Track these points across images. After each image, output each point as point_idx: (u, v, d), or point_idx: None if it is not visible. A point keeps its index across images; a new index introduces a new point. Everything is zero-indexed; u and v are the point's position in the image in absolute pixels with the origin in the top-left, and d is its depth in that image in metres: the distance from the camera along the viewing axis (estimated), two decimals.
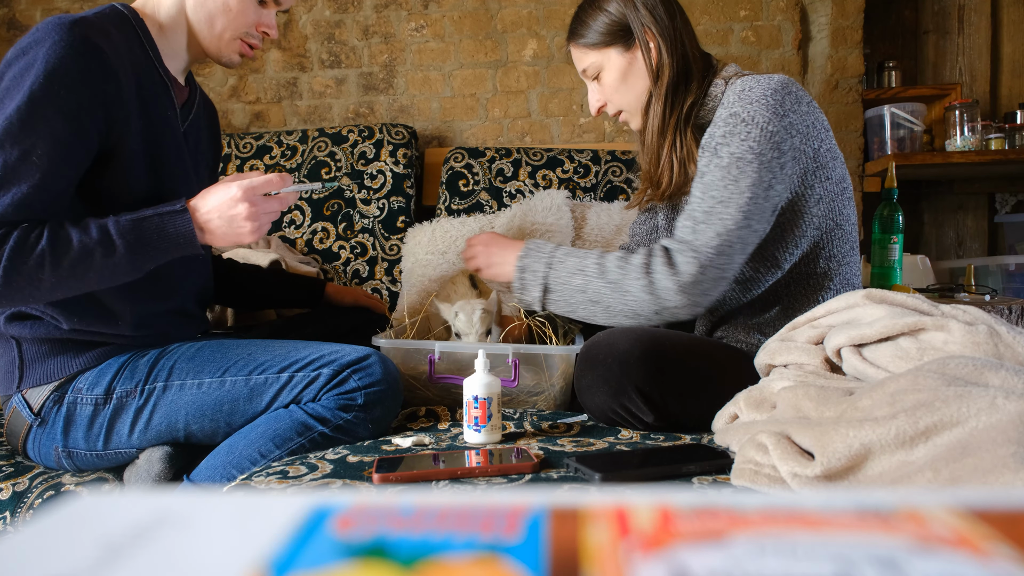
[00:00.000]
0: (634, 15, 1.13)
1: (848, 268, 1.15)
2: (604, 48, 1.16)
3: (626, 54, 1.15)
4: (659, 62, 1.14)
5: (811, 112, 1.08)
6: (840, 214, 1.12)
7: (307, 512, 0.18)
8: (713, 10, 2.37)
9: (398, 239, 2.09)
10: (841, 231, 1.12)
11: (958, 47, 2.51)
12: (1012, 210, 2.52)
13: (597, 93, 1.21)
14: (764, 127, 1.03)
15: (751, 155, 1.02)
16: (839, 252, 1.13)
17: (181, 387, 1.02)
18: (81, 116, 0.93)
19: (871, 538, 0.16)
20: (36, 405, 1.03)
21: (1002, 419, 0.58)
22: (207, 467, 1.00)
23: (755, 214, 1.03)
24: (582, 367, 1.07)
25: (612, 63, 1.17)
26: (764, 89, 1.06)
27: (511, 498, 0.19)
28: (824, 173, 1.09)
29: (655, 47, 1.14)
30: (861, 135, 2.37)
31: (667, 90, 1.14)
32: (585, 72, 1.20)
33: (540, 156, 2.16)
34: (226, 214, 0.97)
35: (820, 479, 0.67)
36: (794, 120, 1.05)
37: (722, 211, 1.03)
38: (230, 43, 1.10)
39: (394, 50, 2.45)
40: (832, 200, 1.10)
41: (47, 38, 0.92)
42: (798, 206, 1.09)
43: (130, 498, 0.19)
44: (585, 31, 1.17)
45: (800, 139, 1.05)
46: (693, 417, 1.04)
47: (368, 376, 1.03)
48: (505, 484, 0.80)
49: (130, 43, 1.03)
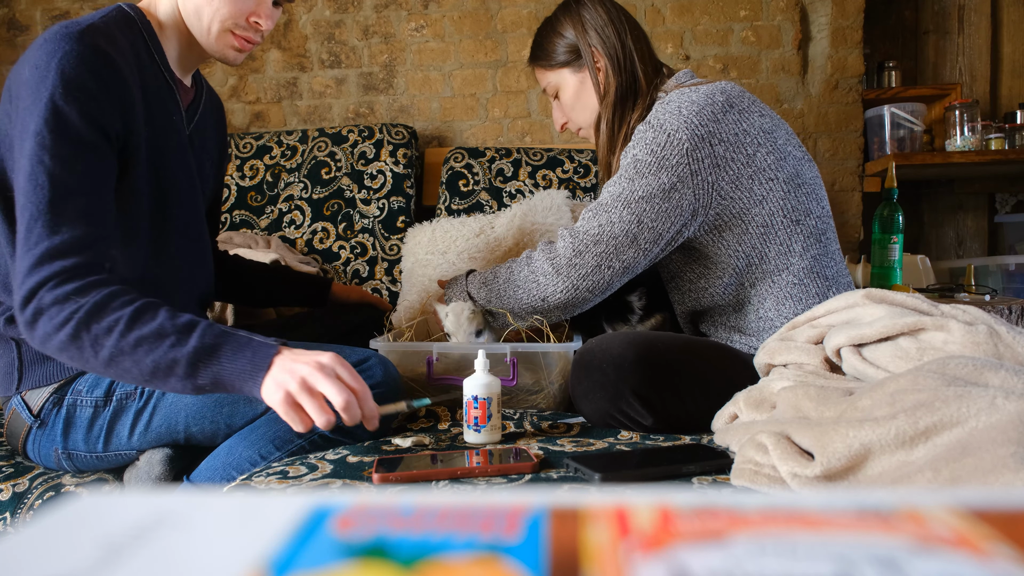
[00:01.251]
0: (583, 38, 1.22)
1: (819, 263, 1.14)
2: (558, 68, 1.26)
3: (578, 74, 1.25)
4: (606, 81, 1.23)
5: (743, 119, 1.10)
6: (796, 210, 1.12)
7: (307, 512, 0.18)
8: (713, 10, 2.37)
9: (398, 239, 2.09)
10: (801, 227, 1.13)
11: (958, 47, 2.51)
12: (1012, 210, 2.52)
13: (559, 111, 1.32)
14: (672, 133, 1.07)
15: (651, 157, 1.08)
16: (800, 247, 1.13)
17: None
18: (104, 122, 0.92)
19: (871, 538, 0.16)
20: (36, 407, 1.03)
21: (1002, 419, 0.58)
22: (207, 468, 1.00)
23: (648, 213, 1.08)
24: (577, 374, 1.07)
25: (566, 83, 1.27)
26: (683, 101, 1.10)
27: (511, 498, 0.19)
28: (766, 175, 1.10)
29: (602, 66, 1.23)
30: (861, 135, 2.37)
31: (613, 107, 1.23)
32: (546, 91, 1.31)
33: (540, 156, 2.16)
34: (305, 357, 0.85)
35: (820, 479, 0.67)
36: (713, 129, 1.08)
37: (611, 205, 1.10)
38: (220, 36, 1.05)
39: (394, 50, 2.45)
40: (782, 199, 1.11)
41: (58, 49, 0.89)
42: (733, 208, 1.10)
43: (130, 498, 0.19)
44: (541, 53, 1.28)
45: (724, 147, 1.08)
46: (692, 418, 1.04)
47: (368, 378, 1.02)
48: (505, 484, 0.80)
49: (136, 47, 1.01)
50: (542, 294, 1.15)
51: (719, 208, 1.10)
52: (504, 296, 1.20)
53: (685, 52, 2.39)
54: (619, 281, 1.14)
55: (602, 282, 1.12)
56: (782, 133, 1.15)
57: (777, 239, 1.12)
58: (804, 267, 1.13)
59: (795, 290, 1.13)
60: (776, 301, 1.14)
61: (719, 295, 1.18)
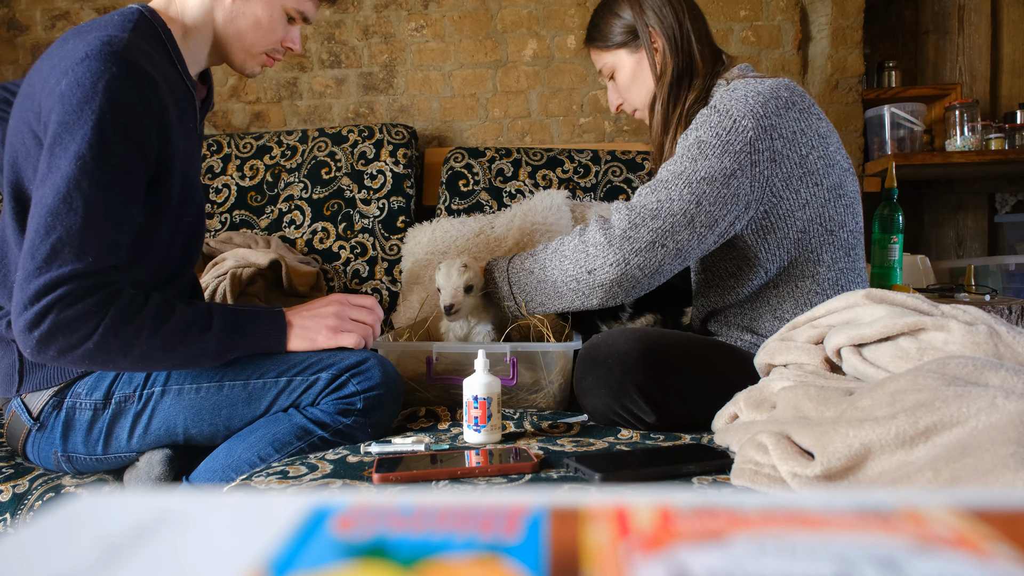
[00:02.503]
0: (640, 17, 1.21)
1: (844, 275, 1.15)
2: (615, 49, 1.25)
3: (635, 54, 1.23)
4: (663, 61, 1.21)
5: (803, 119, 1.10)
6: (832, 220, 1.12)
7: (307, 512, 0.18)
8: (713, 10, 2.37)
9: (398, 239, 2.09)
10: (834, 237, 1.13)
11: (958, 47, 2.51)
12: (1012, 210, 2.52)
13: (614, 92, 1.30)
14: (737, 120, 1.06)
15: (715, 140, 1.06)
16: (830, 258, 1.13)
17: (179, 392, 1.01)
18: (145, 147, 0.93)
19: (871, 538, 0.16)
20: (35, 410, 1.02)
21: (1002, 419, 0.58)
22: (206, 470, 1.00)
23: (707, 196, 1.05)
24: (582, 369, 1.07)
25: (623, 63, 1.25)
26: (749, 90, 1.09)
27: (511, 498, 0.19)
28: (813, 179, 1.10)
29: (659, 47, 1.21)
30: (861, 135, 2.37)
31: (669, 87, 1.20)
32: (601, 72, 1.29)
33: (540, 156, 2.16)
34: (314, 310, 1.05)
35: (820, 479, 0.67)
36: (776, 123, 1.07)
37: (672, 182, 1.07)
38: (256, 57, 1.11)
39: (394, 50, 2.45)
40: (822, 206, 1.11)
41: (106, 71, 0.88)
42: (780, 208, 1.10)
43: (130, 498, 0.19)
44: (598, 34, 1.26)
45: (782, 143, 1.07)
46: (695, 417, 1.04)
47: (367, 380, 1.02)
48: (505, 484, 0.80)
49: (161, 57, 1.01)
50: (590, 266, 1.09)
51: (769, 206, 1.09)
52: (548, 267, 1.14)
53: None
54: (671, 266, 1.08)
55: (654, 261, 1.06)
56: (834, 140, 1.15)
57: (809, 246, 1.12)
58: (830, 278, 1.13)
59: (816, 299, 1.13)
60: (795, 305, 1.14)
61: (745, 294, 1.18)
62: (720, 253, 1.19)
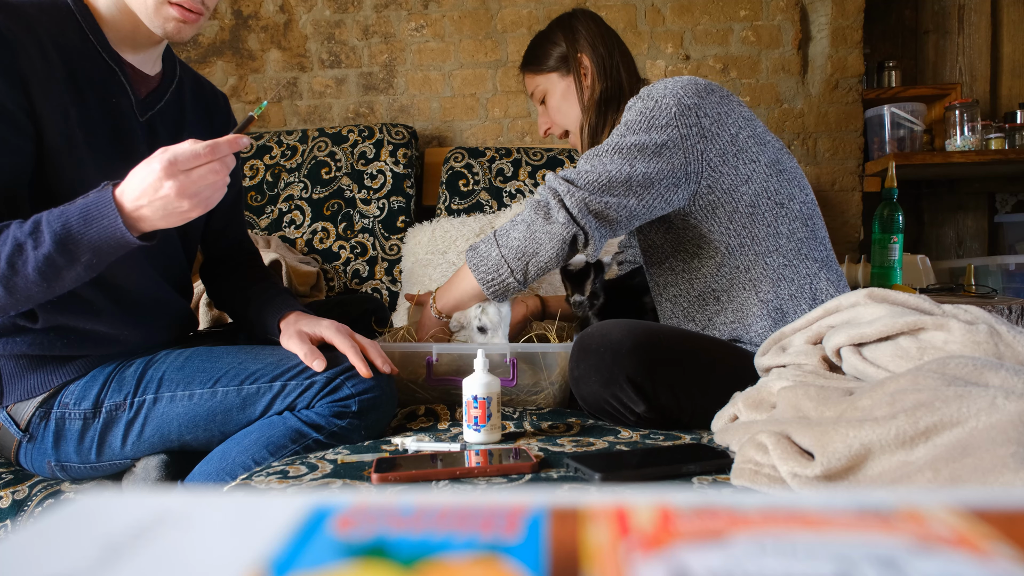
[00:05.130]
0: (572, 45, 1.31)
1: (806, 244, 1.18)
2: (547, 73, 1.33)
3: (566, 77, 1.32)
4: (591, 85, 1.30)
5: (723, 103, 1.16)
6: (780, 193, 1.17)
7: (307, 512, 0.18)
8: (713, 10, 2.37)
9: (398, 239, 2.09)
10: (786, 210, 1.17)
11: (958, 47, 2.51)
12: (1012, 210, 2.52)
13: (544, 116, 1.38)
14: (659, 100, 1.12)
15: (640, 118, 1.12)
16: (787, 230, 1.17)
17: (172, 399, 1.00)
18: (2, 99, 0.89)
19: (871, 538, 0.16)
20: (22, 421, 1.01)
21: (1002, 419, 0.58)
22: (200, 474, 0.99)
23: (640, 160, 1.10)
24: (575, 357, 1.08)
25: (554, 86, 1.33)
26: (668, 81, 1.16)
27: (511, 498, 0.19)
28: (749, 156, 1.16)
29: (588, 71, 1.30)
30: (861, 135, 2.37)
31: (597, 109, 1.29)
32: (532, 96, 1.37)
33: (540, 156, 2.16)
34: (155, 198, 0.86)
35: (820, 479, 0.67)
36: (698, 103, 1.13)
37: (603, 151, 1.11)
38: (159, 9, 1.00)
39: (394, 50, 2.45)
40: (765, 180, 1.16)
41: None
42: (723, 182, 1.14)
43: (130, 498, 0.19)
44: (533, 59, 1.35)
45: (709, 121, 1.13)
46: (686, 410, 1.05)
47: (362, 382, 1.01)
48: (505, 484, 0.80)
49: (62, 27, 0.98)
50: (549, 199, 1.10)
51: (710, 180, 1.14)
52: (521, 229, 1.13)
53: (685, 52, 2.39)
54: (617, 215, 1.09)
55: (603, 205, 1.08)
56: (759, 124, 1.22)
57: (764, 220, 1.16)
58: (792, 248, 1.17)
59: (787, 271, 1.17)
60: (772, 283, 1.16)
61: (712, 276, 1.20)
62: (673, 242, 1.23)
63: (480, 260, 1.16)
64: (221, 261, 1.31)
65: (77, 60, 0.99)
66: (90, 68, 1.00)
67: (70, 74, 0.97)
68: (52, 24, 0.97)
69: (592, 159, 1.12)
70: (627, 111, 1.16)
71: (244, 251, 1.33)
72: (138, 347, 1.08)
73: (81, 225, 0.86)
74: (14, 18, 0.93)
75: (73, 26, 1.00)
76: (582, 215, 1.08)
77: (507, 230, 1.15)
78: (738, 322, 1.19)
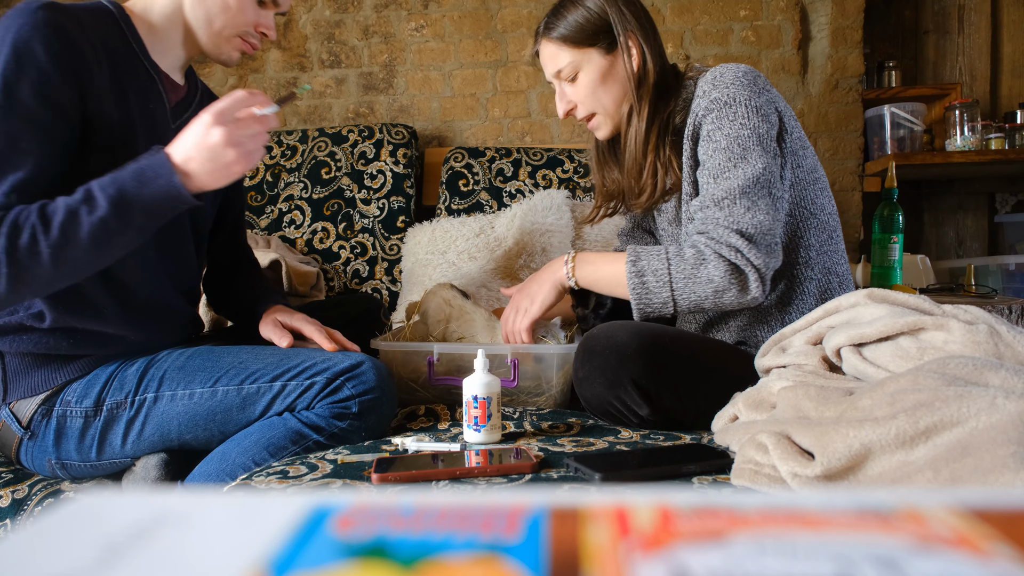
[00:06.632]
0: (618, 17, 1.12)
1: (829, 257, 1.17)
2: (585, 48, 1.14)
3: (608, 56, 1.14)
4: (642, 68, 1.14)
5: (779, 99, 1.13)
6: (813, 203, 1.15)
7: (307, 512, 0.18)
8: (713, 10, 2.37)
9: (398, 239, 2.09)
10: (816, 220, 1.15)
11: (958, 47, 2.51)
12: (1012, 210, 2.52)
13: (569, 95, 1.19)
14: (747, 103, 1.06)
15: (747, 131, 1.05)
16: (816, 241, 1.15)
17: (172, 398, 1.00)
18: (54, 94, 0.92)
19: (871, 538, 0.16)
20: (24, 419, 1.01)
21: (1002, 419, 0.58)
22: (200, 474, 0.99)
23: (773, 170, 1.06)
24: (580, 358, 1.07)
25: (592, 64, 1.14)
26: (735, 72, 1.09)
27: (511, 498, 0.19)
28: (795, 160, 1.13)
29: (638, 53, 1.14)
30: (861, 135, 2.37)
31: (651, 98, 1.14)
32: (560, 73, 1.17)
33: (540, 156, 2.16)
34: (203, 145, 0.90)
35: (820, 479, 0.67)
36: (770, 98, 1.10)
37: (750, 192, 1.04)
38: (229, 41, 1.09)
39: (394, 50, 2.45)
40: (803, 188, 1.14)
41: (13, 23, 0.90)
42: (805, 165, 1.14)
43: (130, 498, 0.19)
44: (563, 25, 1.14)
45: (775, 117, 1.10)
46: (689, 413, 1.04)
47: (362, 384, 1.02)
48: (505, 484, 0.80)
49: (108, 34, 1.01)
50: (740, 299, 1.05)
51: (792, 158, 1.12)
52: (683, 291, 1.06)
53: (685, 52, 2.39)
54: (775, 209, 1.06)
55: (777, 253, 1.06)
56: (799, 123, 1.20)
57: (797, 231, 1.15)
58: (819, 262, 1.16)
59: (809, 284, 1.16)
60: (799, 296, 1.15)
61: None
62: None
63: (647, 293, 1.07)
64: (225, 269, 1.35)
65: (122, 65, 1.02)
66: (132, 73, 1.04)
67: (114, 78, 1.01)
68: (100, 28, 1.01)
69: (749, 197, 1.03)
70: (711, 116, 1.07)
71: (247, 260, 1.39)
72: (142, 348, 1.09)
73: (136, 187, 0.90)
74: (71, 19, 0.95)
75: (117, 32, 1.03)
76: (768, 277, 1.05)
77: (689, 281, 1.04)
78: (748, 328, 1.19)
